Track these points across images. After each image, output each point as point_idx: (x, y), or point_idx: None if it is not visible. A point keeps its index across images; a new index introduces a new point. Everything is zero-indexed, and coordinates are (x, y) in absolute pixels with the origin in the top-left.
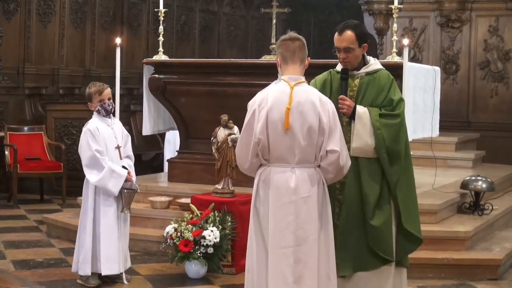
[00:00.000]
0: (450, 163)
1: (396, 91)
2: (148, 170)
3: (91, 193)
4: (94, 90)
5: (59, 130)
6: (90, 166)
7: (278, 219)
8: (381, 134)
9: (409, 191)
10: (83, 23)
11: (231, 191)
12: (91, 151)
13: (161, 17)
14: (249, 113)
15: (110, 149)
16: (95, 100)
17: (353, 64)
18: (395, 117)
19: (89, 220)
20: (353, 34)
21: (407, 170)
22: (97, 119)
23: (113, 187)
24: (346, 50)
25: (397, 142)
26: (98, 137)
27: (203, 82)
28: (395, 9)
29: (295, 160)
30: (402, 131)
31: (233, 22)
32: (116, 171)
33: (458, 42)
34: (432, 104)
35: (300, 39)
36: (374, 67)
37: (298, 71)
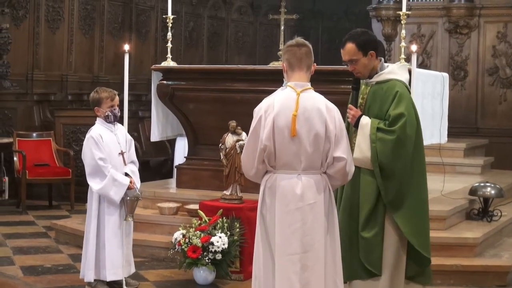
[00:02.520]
0: (459, 169)
1: (399, 105)
2: (157, 176)
3: (95, 201)
4: (105, 95)
5: (68, 136)
6: (92, 174)
7: (285, 226)
8: (375, 148)
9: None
10: (91, 30)
11: (239, 197)
12: (93, 159)
13: (170, 24)
14: (255, 120)
15: (114, 155)
16: (105, 106)
17: (364, 73)
18: (390, 133)
19: (92, 227)
20: (353, 45)
21: (419, 185)
22: (100, 126)
23: (115, 195)
24: (350, 62)
25: (390, 158)
26: (101, 144)
27: (211, 88)
28: (403, 15)
29: (301, 167)
30: (399, 148)
31: (241, 28)
32: (118, 180)
33: (466, 48)
34: (441, 110)
35: (306, 45)
36: (385, 76)
37: (304, 77)
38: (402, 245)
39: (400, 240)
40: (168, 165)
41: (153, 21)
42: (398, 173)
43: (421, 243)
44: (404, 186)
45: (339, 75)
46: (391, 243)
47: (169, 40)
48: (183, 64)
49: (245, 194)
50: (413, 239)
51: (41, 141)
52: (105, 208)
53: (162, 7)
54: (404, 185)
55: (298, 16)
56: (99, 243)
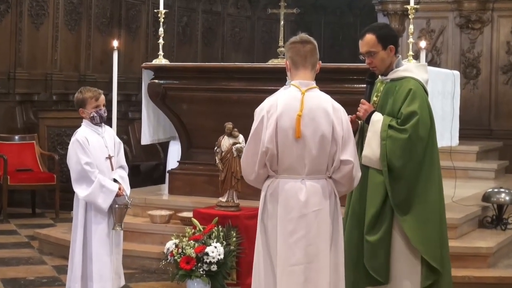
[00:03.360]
0: (471, 174)
1: (412, 103)
2: (148, 181)
3: (82, 208)
4: (89, 95)
5: (52, 139)
6: (78, 179)
7: (288, 234)
8: (384, 146)
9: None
10: (78, 25)
11: (236, 204)
12: (79, 164)
13: (161, 19)
14: (256, 120)
15: (101, 160)
16: (90, 106)
17: (380, 68)
18: (401, 131)
19: (79, 236)
20: (374, 37)
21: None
22: (87, 128)
23: (103, 202)
24: (368, 54)
25: (400, 158)
26: (87, 148)
27: (206, 87)
28: (411, 9)
29: (306, 171)
30: (410, 148)
31: (238, 23)
32: (106, 186)
33: (478, 44)
34: (451, 111)
35: (311, 42)
36: (400, 74)
37: (309, 76)
38: (413, 252)
39: (409, 246)
40: (160, 170)
41: (144, 15)
42: (407, 174)
43: (428, 251)
44: (413, 189)
45: (343, 74)
46: (399, 250)
47: (161, 36)
48: (176, 62)
49: (242, 201)
50: (420, 246)
51: (24, 144)
52: (92, 217)
53: (154, 1)
54: (414, 188)
55: (299, 10)
56: (86, 254)
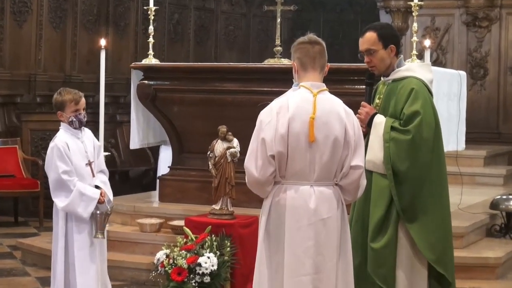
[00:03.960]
0: (478, 180)
1: (414, 103)
2: (137, 188)
3: (62, 217)
4: (69, 98)
5: (36, 143)
6: (56, 189)
7: (296, 244)
8: (388, 148)
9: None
10: (63, 23)
11: (230, 212)
12: (57, 173)
13: (151, 16)
14: (263, 123)
15: (82, 166)
16: (69, 110)
17: (380, 68)
18: (404, 132)
19: (60, 246)
20: (375, 34)
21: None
22: (66, 133)
23: (83, 211)
24: (367, 52)
25: (404, 161)
26: (68, 155)
27: (199, 89)
28: (415, 6)
29: (314, 177)
30: (414, 150)
31: (233, 21)
32: (87, 194)
33: (486, 43)
34: (458, 113)
35: (320, 43)
36: (402, 74)
37: (318, 78)
38: (420, 260)
39: (416, 254)
40: (150, 176)
41: (133, 13)
42: (413, 177)
43: (437, 258)
44: (419, 193)
45: (343, 74)
46: (405, 257)
47: (151, 34)
48: (166, 62)
49: (237, 209)
50: (427, 253)
51: (6, 149)
52: (74, 226)
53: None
54: (420, 192)
55: (297, 7)
56: (69, 265)
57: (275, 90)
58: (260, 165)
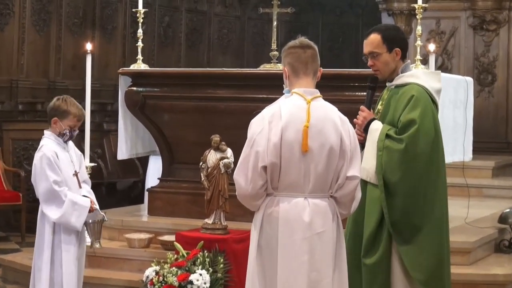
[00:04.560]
0: (486, 193)
1: (412, 111)
2: (125, 201)
3: (49, 228)
4: (73, 111)
5: (18, 153)
6: (47, 200)
7: (290, 259)
8: (380, 157)
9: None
10: (47, 26)
11: (223, 226)
12: (48, 182)
13: (140, 19)
14: (255, 132)
15: (69, 176)
16: (67, 122)
17: (383, 72)
18: (398, 141)
19: (45, 261)
20: (379, 37)
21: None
22: (53, 142)
23: (76, 221)
24: (371, 55)
25: (395, 172)
26: (58, 164)
27: (190, 96)
28: (419, 8)
29: (309, 189)
30: (407, 160)
31: (226, 24)
32: (79, 203)
33: (494, 47)
34: (464, 122)
35: (312, 47)
36: (405, 79)
37: (311, 84)
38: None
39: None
40: (139, 188)
41: (121, 15)
42: (404, 191)
43: (426, 279)
44: (411, 207)
45: (343, 80)
46: (399, 274)
47: (140, 38)
48: (156, 67)
49: (231, 223)
50: (415, 273)
51: None
52: (62, 238)
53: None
54: (412, 206)
55: (294, 10)
56: (52, 280)
57: (271, 97)
58: (250, 178)
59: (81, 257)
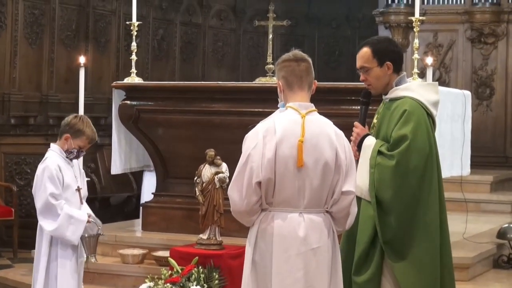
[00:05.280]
0: (484, 207)
1: (404, 126)
2: (119, 216)
3: (46, 242)
4: (88, 134)
5: (10, 168)
6: (43, 212)
7: (284, 275)
8: (372, 174)
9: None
10: (39, 39)
11: (218, 242)
12: (45, 194)
13: (134, 32)
14: (249, 148)
15: (72, 191)
16: (78, 142)
17: (376, 87)
18: (389, 158)
19: (41, 274)
20: (369, 51)
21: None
22: (58, 156)
23: (72, 235)
24: (362, 70)
25: (387, 189)
26: (60, 178)
27: (185, 109)
28: (417, 21)
29: (304, 204)
30: (398, 177)
31: (221, 37)
32: (75, 216)
33: (492, 60)
34: (462, 135)
35: (306, 60)
36: (399, 93)
37: (306, 98)
38: None
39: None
40: (133, 203)
41: (114, 28)
42: (398, 209)
43: None
44: (405, 226)
45: (340, 94)
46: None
47: (133, 51)
48: (150, 81)
49: (226, 238)
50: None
51: None
52: (59, 252)
53: (126, 11)
54: (406, 225)
55: (290, 22)
56: None
57: (267, 111)
58: (244, 193)
59: (80, 271)
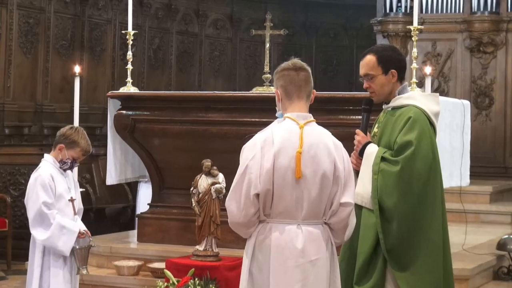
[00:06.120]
0: (484, 218)
1: (409, 132)
2: (114, 227)
3: (39, 253)
4: (83, 145)
5: (4, 178)
6: (36, 221)
7: (282, 287)
8: (376, 181)
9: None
10: (34, 48)
11: (215, 253)
12: (37, 202)
13: (130, 41)
14: (247, 158)
15: (65, 201)
16: (72, 153)
17: (379, 95)
18: (394, 163)
19: (34, 284)
20: (374, 58)
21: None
22: (51, 166)
23: (64, 245)
24: (366, 77)
25: (391, 195)
26: (52, 187)
27: (181, 119)
28: (415, 30)
29: (302, 215)
30: (403, 183)
31: (218, 46)
32: (67, 227)
33: (491, 70)
34: (461, 146)
35: (305, 68)
36: (403, 101)
37: (304, 107)
38: None
39: None
40: (128, 214)
41: (110, 37)
42: (401, 216)
43: None
44: (408, 234)
45: (338, 103)
46: None
47: (129, 60)
48: (146, 90)
49: (222, 250)
50: None
51: None
52: (51, 262)
53: (121, 20)
54: (409, 233)
55: (287, 32)
56: None
57: (264, 120)
58: (242, 205)
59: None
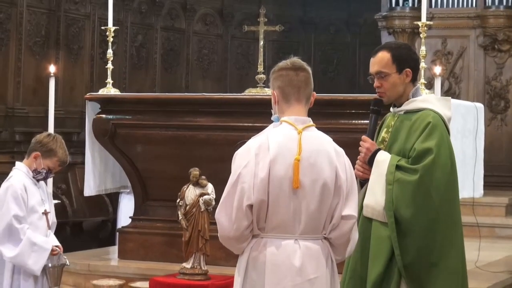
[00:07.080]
0: (499, 233)
1: (428, 139)
2: (92, 243)
3: (8, 271)
4: (61, 154)
5: None
6: (4, 235)
7: None
8: (391, 191)
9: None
10: (5, 45)
11: (203, 271)
12: (7, 215)
13: (110, 38)
14: (240, 166)
15: (38, 214)
16: (49, 163)
17: (390, 95)
18: (412, 172)
19: None
20: (388, 55)
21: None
22: (24, 176)
23: (34, 264)
24: (378, 75)
25: (408, 207)
26: (25, 199)
27: (166, 124)
28: (424, 26)
29: (300, 230)
30: (422, 193)
31: (207, 43)
32: (38, 244)
33: (507, 70)
34: (474, 153)
35: (306, 69)
36: (418, 105)
37: (303, 111)
38: None
39: None
40: (108, 228)
41: (88, 34)
42: (419, 228)
43: None
44: (426, 248)
45: (338, 107)
46: None
47: (109, 59)
48: (128, 92)
49: (212, 267)
50: None
51: None
52: (20, 283)
53: (101, 15)
54: (427, 247)
55: (283, 28)
56: None
57: (258, 125)
58: (234, 217)
59: None
